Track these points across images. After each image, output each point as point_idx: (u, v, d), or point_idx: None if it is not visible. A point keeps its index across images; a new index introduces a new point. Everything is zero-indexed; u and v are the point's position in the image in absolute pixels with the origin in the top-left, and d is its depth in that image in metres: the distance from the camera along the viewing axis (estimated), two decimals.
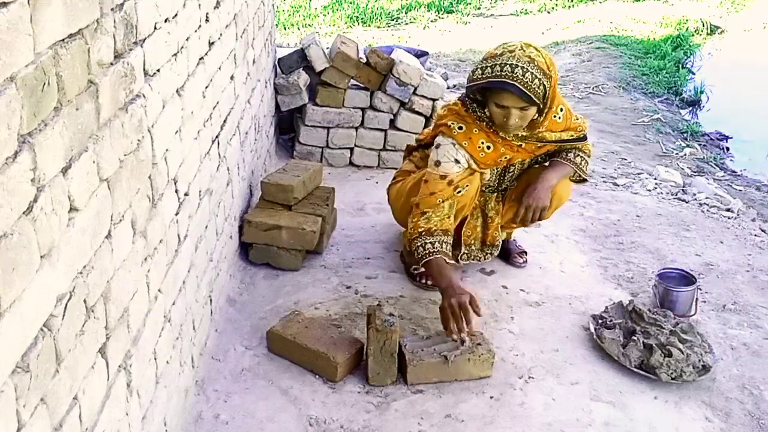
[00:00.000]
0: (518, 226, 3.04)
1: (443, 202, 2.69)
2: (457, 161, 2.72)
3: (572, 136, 2.89)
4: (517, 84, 2.52)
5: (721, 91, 7.25)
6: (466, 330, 2.47)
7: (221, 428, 2.22)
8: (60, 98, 1.21)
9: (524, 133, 2.76)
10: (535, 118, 2.68)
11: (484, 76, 2.58)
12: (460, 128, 2.73)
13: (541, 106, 2.62)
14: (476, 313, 2.49)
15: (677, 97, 6.92)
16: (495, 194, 3.02)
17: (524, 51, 2.56)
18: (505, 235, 3.20)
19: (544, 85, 2.57)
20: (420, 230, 2.66)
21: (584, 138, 2.95)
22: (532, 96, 2.54)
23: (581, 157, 2.94)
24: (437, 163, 2.72)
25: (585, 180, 3.02)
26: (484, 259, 3.11)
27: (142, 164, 1.68)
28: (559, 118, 2.81)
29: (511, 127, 2.66)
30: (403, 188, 2.96)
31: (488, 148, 2.75)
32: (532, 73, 2.53)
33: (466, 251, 3.06)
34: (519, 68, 2.52)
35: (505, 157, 2.81)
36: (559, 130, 2.83)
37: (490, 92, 2.62)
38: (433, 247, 2.64)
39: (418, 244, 2.66)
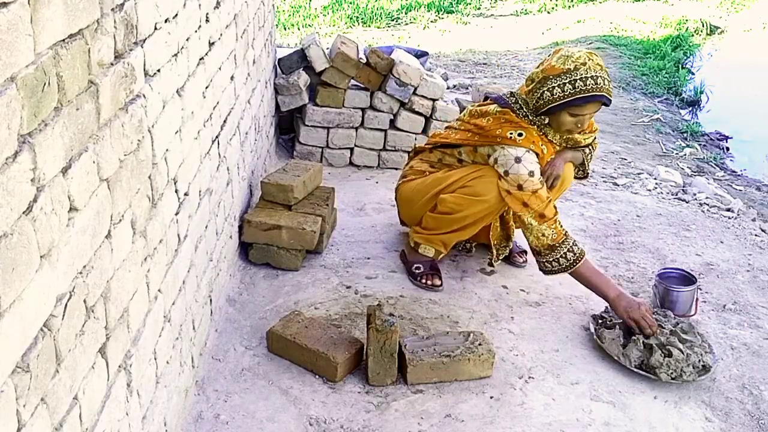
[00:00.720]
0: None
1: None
2: (539, 164, 2.79)
3: (593, 138, 3.01)
4: (604, 93, 2.67)
5: (721, 91, 7.25)
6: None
7: (221, 428, 2.22)
8: (60, 98, 1.21)
9: (567, 135, 2.86)
10: None
11: (566, 92, 2.66)
12: (520, 135, 2.77)
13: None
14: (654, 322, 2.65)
15: (677, 97, 6.93)
16: None
17: (594, 61, 2.69)
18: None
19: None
20: (566, 235, 2.77)
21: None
22: (611, 99, 2.72)
23: (590, 149, 3.05)
24: (531, 174, 2.72)
25: (585, 176, 3.11)
26: (507, 251, 3.20)
27: (142, 164, 1.68)
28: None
29: (582, 132, 2.83)
30: (421, 188, 3.00)
31: (544, 150, 2.83)
32: (608, 79, 2.70)
33: (496, 252, 3.15)
34: (600, 79, 2.67)
35: (552, 157, 2.90)
36: (589, 130, 2.94)
37: (571, 105, 2.69)
38: (578, 249, 2.77)
39: (566, 248, 2.76)
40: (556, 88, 2.67)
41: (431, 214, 2.98)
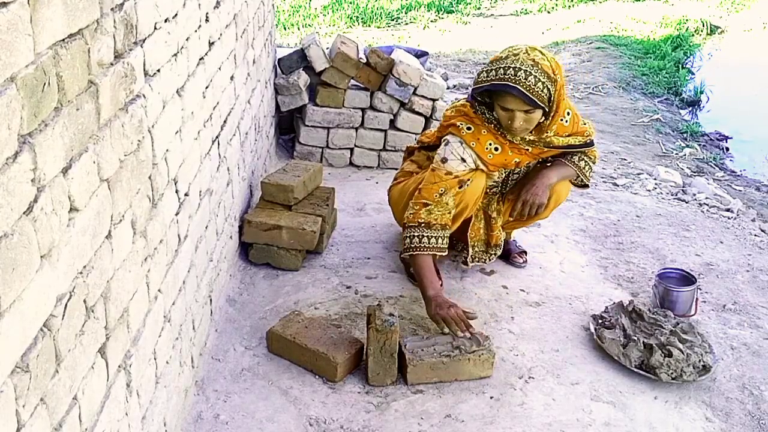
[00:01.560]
0: (516, 221, 3.04)
1: (445, 193, 2.69)
2: (463, 160, 2.73)
3: (579, 141, 2.89)
4: (519, 87, 2.54)
5: (721, 91, 7.25)
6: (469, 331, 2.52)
7: (221, 428, 2.22)
8: (60, 98, 1.21)
9: (532, 137, 2.76)
10: (541, 121, 2.69)
11: (488, 78, 2.60)
12: (469, 129, 2.74)
13: (547, 109, 2.64)
14: (468, 323, 2.54)
15: (677, 97, 6.93)
16: (497, 195, 3.02)
17: (529, 54, 2.58)
18: (505, 235, 3.20)
19: (549, 89, 2.59)
20: (420, 221, 2.69)
21: (591, 143, 2.95)
22: (536, 99, 2.56)
23: (585, 161, 2.95)
24: (444, 160, 2.73)
25: (586, 185, 3.03)
26: (489, 260, 3.11)
27: (143, 164, 1.68)
28: (566, 122, 2.81)
29: (516, 130, 2.67)
30: (406, 189, 2.96)
31: (496, 149, 2.76)
32: (535, 76, 2.55)
33: (472, 253, 3.07)
34: (522, 71, 2.54)
35: (515, 161, 2.82)
36: (566, 134, 2.83)
37: (495, 95, 2.63)
38: (429, 242, 2.67)
39: (414, 234, 2.68)
40: (483, 73, 2.65)
41: (411, 202, 2.92)
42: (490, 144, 2.74)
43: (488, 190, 2.95)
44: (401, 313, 2.77)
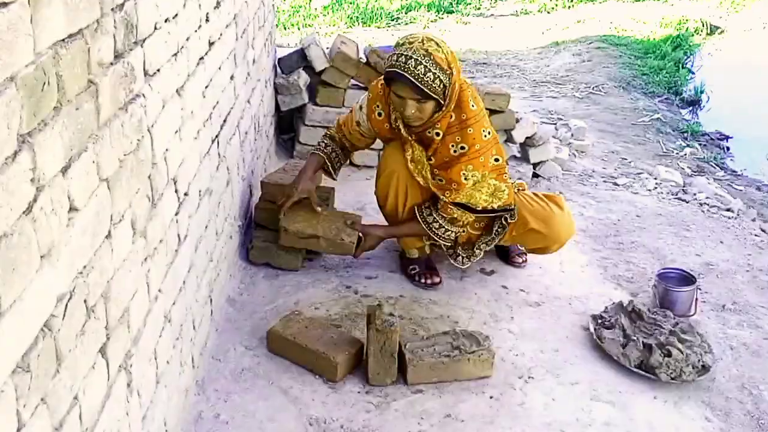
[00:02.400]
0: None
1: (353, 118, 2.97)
2: (360, 107, 2.94)
3: (438, 191, 2.81)
4: (407, 75, 2.54)
5: (721, 91, 7.24)
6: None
7: (221, 428, 2.22)
8: (60, 98, 1.21)
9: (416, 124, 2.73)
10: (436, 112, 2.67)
11: (387, 63, 2.64)
12: (380, 92, 2.84)
13: (441, 101, 2.61)
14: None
15: (677, 97, 6.92)
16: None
17: (423, 44, 2.57)
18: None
19: (441, 80, 2.57)
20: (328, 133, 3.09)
21: (463, 205, 2.81)
22: (425, 89, 2.55)
23: (444, 228, 2.88)
24: (361, 107, 2.96)
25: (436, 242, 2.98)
26: (462, 261, 3.08)
27: (142, 164, 1.68)
28: (455, 150, 2.71)
29: (408, 118, 2.66)
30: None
31: (380, 115, 2.87)
32: (425, 66, 2.54)
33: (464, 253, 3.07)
34: (412, 60, 2.54)
35: (388, 137, 2.93)
36: (455, 145, 2.71)
37: (391, 81, 2.64)
38: (325, 148, 3.08)
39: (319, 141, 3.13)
40: (387, 58, 2.68)
41: (384, 211, 3.04)
42: (377, 106, 2.86)
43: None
44: (401, 313, 2.77)
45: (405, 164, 2.86)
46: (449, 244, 3.00)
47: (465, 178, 2.73)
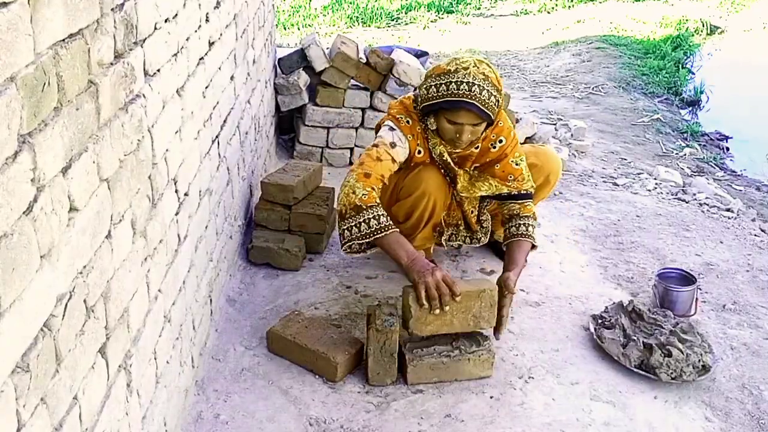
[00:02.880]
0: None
1: (380, 158, 2.62)
2: (397, 142, 2.70)
3: (509, 189, 2.81)
4: (475, 102, 2.53)
5: (721, 91, 7.25)
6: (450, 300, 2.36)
7: (221, 428, 2.22)
8: (60, 98, 1.21)
9: (451, 146, 2.72)
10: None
11: (439, 93, 2.58)
12: (408, 122, 2.75)
13: (493, 119, 2.64)
14: (455, 290, 2.36)
15: (677, 97, 6.92)
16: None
17: (478, 68, 2.57)
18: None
19: (497, 99, 2.60)
20: (372, 203, 2.50)
21: (524, 196, 2.83)
22: (489, 113, 2.56)
23: (533, 227, 2.82)
24: (393, 144, 2.69)
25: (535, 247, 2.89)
26: (471, 242, 3.08)
27: (142, 164, 1.68)
28: (495, 147, 2.77)
29: (462, 143, 2.67)
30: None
31: (419, 153, 2.77)
32: (488, 90, 2.55)
33: (452, 231, 3.04)
34: (476, 86, 2.53)
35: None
36: (488, 159, 2.78)
37: (443, 109, 2.60)
38: (388, 221, 2.50)
39: (372, 215, 2.48)
40: (432, 87, 2.61)
41: (395, 206, 2.86)
42: (418, 144, 2.76)
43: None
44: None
45: (444, 189, 2.83)
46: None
47: (516, 164, 2.82)
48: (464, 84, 2.53)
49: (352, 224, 2.50)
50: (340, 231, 2.55)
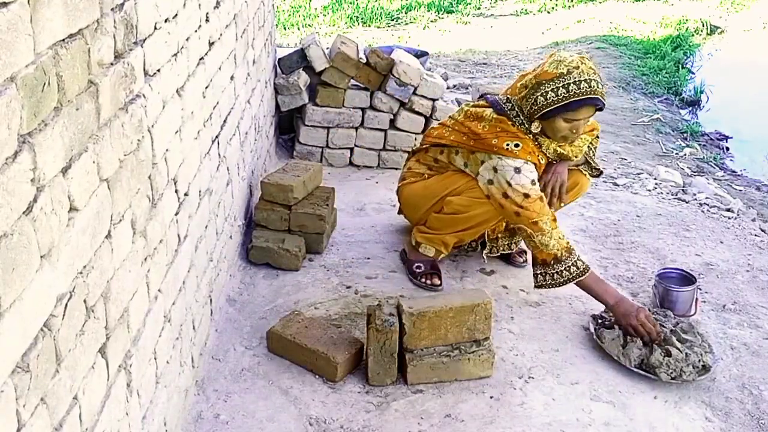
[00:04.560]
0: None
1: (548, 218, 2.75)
2: (533, 182, 2.75)
3: (589, 141, 3.00)
4: (600, 98, 2.69)
5: (721, 91, 7.24)
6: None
7: (221, 428, 2.22)
8: (60, 98, 1.21)
9: (562, 143, 2.84)
10: None
11: (560, 97, 2.65)
12: (517, 146, 2.75)
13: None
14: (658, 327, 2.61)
15: (677, 97, 6.92)
16: None
17: (587, 65, 2.71)
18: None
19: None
20: (569, 246, 2.74)
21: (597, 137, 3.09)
22: (605, 102, 2.73)
23: (592, 149, 3.05)
24: (533, 182, 2.73)
25: (599, 174, 3.12)
26: (516, 245, 3.20)
27: (142, 164, 1.68)
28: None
29: (578, 137, 2.80)
30: (427, 191, 3.01)
31: (541, 161, 2.84)
32: (599, 82, 2.71)
33: (491, 246, 3.15)
34: (595, 82, 2.68)
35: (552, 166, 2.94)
36: (590, 129, 2.97)
37: (565, 110, 2.68)
38: (584, 263, 2.74)
39: (571, 262, 2.72)
40: (550, 92, 2.66)
41: (436, 215, 2.99)
42: (538, 157, 2.81)
43: None
44: None
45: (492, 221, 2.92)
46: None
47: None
48: (584, 82, 2.65)
49: (555, 270, 2.75)
50: (556, 271, 2.75)
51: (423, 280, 3.01)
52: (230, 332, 2.66)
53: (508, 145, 2.74)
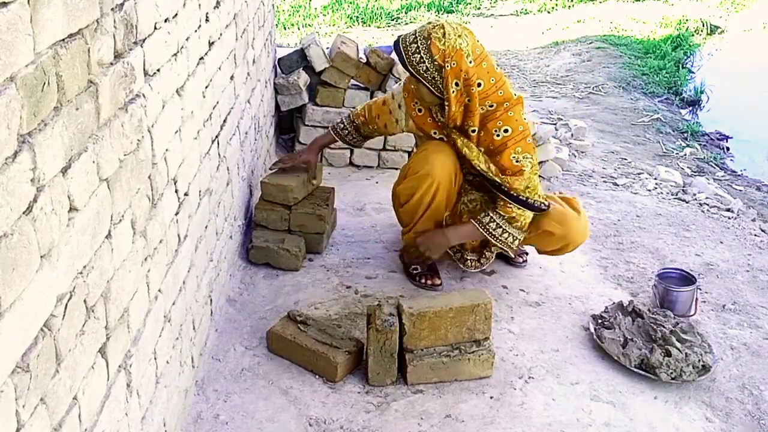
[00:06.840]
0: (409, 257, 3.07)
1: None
2: (398, 106, 2.94)
3: (497, 178, 2.74)
4: (401, 48, 2.67)
5: (721, 91, 7.24)
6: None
7: (221, 428, 2.22)
8: (60, 98, 1.21)
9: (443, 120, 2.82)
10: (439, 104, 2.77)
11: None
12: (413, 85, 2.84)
13: (432, 89, 2.69)
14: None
15: (677, 97, 6.92)
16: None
17: (434, 27, 2.66)
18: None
19: (429, 69, 2.65)
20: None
21: (511, 196, 2.76)
22: (410, 69, 2.66)
23: (497, 223, 2.82)
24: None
25: (508, 255, 3.07)
26: (486, 262, 3.12)
27: (142, 164, 1.68)
28: (498, 135, 2.72)
29: (422, 104, 2.84)
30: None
31: (419, 111, 2.90)
32: (418, 48, 2.65)
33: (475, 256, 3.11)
34: (412, 37, 2.68)
35: (433, 132, 2.91)
36: (491, 145, 2.74)
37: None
38: (343, 127, 3.13)
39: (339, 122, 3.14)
40: None
41: (399, 210, 3.03)
42: (416, 103, 2.89)
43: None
44: None
45: (450, 174, 2.85)
46: (509, 250, 2.95)
47: (516, 161, 2.71)
48: (412, 34, 2.71)
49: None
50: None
51: (422, 280, 3.01)
52: (230, 332, 2.66)
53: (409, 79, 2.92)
